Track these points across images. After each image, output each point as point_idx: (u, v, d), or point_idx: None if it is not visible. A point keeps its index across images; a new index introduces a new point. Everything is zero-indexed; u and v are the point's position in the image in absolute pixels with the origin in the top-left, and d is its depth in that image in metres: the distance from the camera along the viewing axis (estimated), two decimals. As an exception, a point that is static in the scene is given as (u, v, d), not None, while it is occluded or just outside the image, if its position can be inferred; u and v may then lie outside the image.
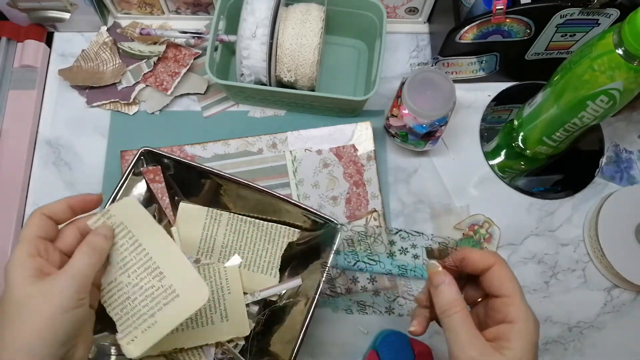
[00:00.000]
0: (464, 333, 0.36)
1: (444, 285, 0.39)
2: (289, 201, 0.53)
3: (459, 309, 0.37)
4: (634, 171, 0.66)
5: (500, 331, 0.37)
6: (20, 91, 0.66)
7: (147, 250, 0.43)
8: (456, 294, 0.38)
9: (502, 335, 0.36)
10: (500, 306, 0.38)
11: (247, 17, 0.58)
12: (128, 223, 0.43)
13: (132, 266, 0.43)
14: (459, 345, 0.36)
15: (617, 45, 0.45)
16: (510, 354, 0.35)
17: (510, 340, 0.36)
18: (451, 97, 0.56)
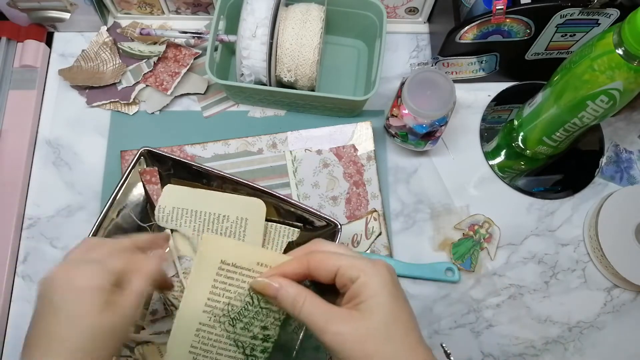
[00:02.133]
0: (319, 315, 0.34)
1: (280, 290, 0.37)
2: (289, 201, 0.53)
3: (304, 297, 0.35)
4: (634, 171, 0.66)
5: (351, 293, 0.35)
6: (20, 91, 0.66)
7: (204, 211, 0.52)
8: (295, 289, 0.36)
9: (353, 295, 0.35)
10: (341, 280, 0.35)
11: (247, 17, 0.58)
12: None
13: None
14: (320, 328, 0.34)
15: (617, 45, 0.45)
16: (365, 306, 0.34)
17: (359, 294, 0.34)
18: (451, 97, 0.56)
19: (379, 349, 0.33)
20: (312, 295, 0.36)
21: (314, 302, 0.35)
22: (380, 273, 0.35)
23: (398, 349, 0.33)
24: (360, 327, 0.33)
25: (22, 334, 0.59)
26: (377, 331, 0.33)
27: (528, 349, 0.59)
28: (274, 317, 0.41)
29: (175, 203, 0.54)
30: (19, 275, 0.61)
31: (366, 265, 0.35)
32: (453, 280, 0.60)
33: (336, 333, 0.33)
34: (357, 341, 0.33)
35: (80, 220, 0.62)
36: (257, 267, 0.40)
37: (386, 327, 0.33)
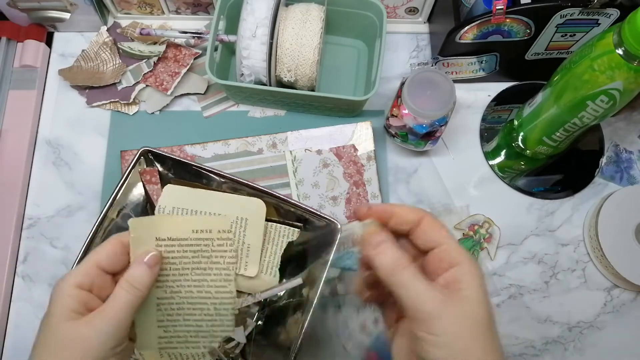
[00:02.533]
0: (419, 286, 0.33)
1: (386, 243, 0.35)
2: (288, 201, 0.53)
3: (407, 264, 0.34)
4: (634, 171, 0.66)
5: (451, 276, 0.34)
6: (20, 91, 0.66)
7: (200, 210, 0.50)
8: (400, 251, 0.35)
9: (454, 278, 0.34)
10: (442, 254, 0.35)
11: (247, 17, 0.58)
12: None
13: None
14: (416, 299, 0.33)
15: (617, 45, 0.45)
16: (468, 292, 0.33)
17: (462, 280, 0.33)
18: (451, 97, 0.56)
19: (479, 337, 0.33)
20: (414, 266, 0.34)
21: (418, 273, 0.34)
22: (479, 269, 0.35)
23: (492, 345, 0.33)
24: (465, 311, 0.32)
25: (22, 334, 0.59)
26: (481, 321, 0.33)
27: (528, 349, 0.59)
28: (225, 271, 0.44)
29: (175, 203, 0.54)
30: (19, 275, 0.61)
31: (468, 255, 0.35)
32: (453, 280, 0.60)
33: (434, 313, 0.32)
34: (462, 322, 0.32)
35: (80, 220, 0.62)
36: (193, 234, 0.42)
37: (488, 320, 0.33)
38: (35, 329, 0.43)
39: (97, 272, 0.38)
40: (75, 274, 0.37)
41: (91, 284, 0.37)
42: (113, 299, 0.37)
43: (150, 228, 0.41)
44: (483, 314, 0.33)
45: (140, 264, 0.39)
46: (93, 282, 0.37)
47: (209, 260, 0.43)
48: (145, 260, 0.39)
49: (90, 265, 0.38)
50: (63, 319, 0.35)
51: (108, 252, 0.39)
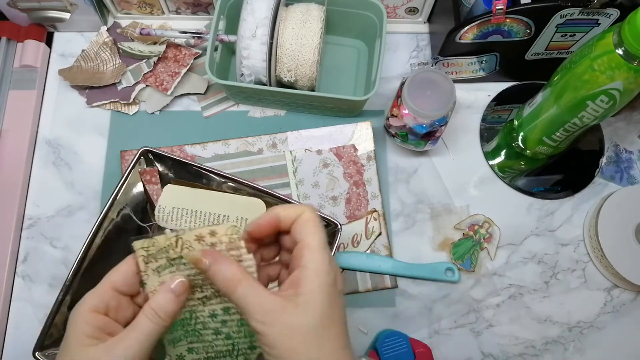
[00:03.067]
0: (253, 301, 0.33)
1: (214, 265, 0.34)
2: (289, 201, 0.53)
3: (240, 279, 0.34)
4: (634, 171, 0.66)
5: (294, 278, 0.34)
6: (20, 91, 0.66)
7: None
8: (230, 267, 0.34)
9: (296, 281, 0.34)
10: (298, 251, 0.35)
11: (247, 17, 0.58)
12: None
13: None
14: (252, 314, 0.33)
15: (617, 45, 0.45)
16: (303, 300, 0.33)
17: (301, 285, 0.33)
18: (451, 97, 0.56)
19: (305, 348, 0.32)
20: (249, 279, 0.34)
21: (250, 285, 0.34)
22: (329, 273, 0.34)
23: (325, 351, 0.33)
24: (292, 321, 0.32)
25: (22, 334, 0.59)
26: (307, 330, 0.32)
27: (528, 349, 0.59)
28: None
29: (175, 203, 0.54)
30: (19, 275, 0.61)
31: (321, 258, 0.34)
32: (453, 280, 0.60)
33: (268, 323, 0.32)
34: (286, 334, 0.32)
35: (80, 220, 0.62)
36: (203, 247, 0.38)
37: (316, 328, 0.33)
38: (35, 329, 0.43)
39: (112, 295, 0.36)
40: (91, 298, 0.36)
41: (107, 306, 0.36)
42: (134, 327, 0.35)
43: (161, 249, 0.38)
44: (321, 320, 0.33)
45: (167, 291, 0.36)
46: (108, 304, 0.36)
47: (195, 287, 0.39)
48: (172, 287, 0.37)
49: (105, 288, 0.36)
50: (79, 345, 0.34)
51: (124, 273, 0.37)
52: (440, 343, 0.59)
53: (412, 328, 0.59)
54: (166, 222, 0.55)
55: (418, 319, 0.60)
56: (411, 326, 0.59)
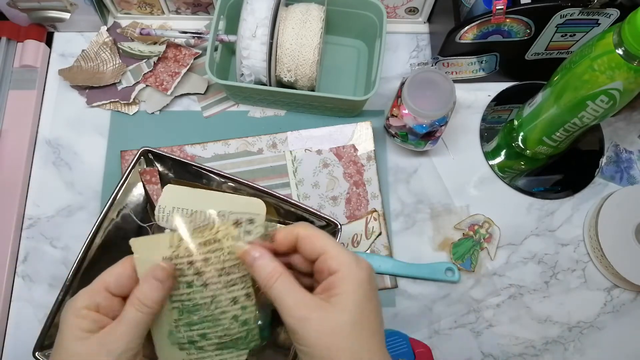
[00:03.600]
0: (290, 296, 0.34)
1: (258, 259, 0.36)
2: (289, 201, 0.53)
3: (279, 274, 0.35)
4: (634, 171, 0.66)
5: (327, 284, 0.35)
6: (20, 91, 0.66)
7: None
8: (272, 262, 0.36)
9: (329, 286, 0.35)
10: (321, 265, 0.36)
11: (247, 17, 0.58)
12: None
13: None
14: (288, 309, 0.34)
15: (617, 45, 0.45)
16: (338, 300, 0.34)
17: (335, 287, 0.34)
18: (451, 97, 0.56)
19: (342, 344, 0.33)
20: (288, 275, 0.35)
21: (291, 281, 0.35)
22: (361, 271, 0.35)
23: (361, 348, 0.33)
24: (330, 319, 0.33)
25: (22, 334, 0.59)
26: (345, 326, 0.33)
27: (528, 349, 0.59)
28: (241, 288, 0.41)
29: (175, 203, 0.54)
30: (19, 275, 0.61)
31: (350, 260, 0.35)
32: (453, 280, 0.60)
33: (303, 318, 0.33)
34: (323, 331, 0.33)
35: (80, 220, 0.62)
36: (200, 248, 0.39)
37: (354, 325, 0.33)
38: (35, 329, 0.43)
39: (104, 295, 0.37)
40: (83, 296, 0.36)
41: (97, 305, 0.36)
42: (123, 317, 0.36)
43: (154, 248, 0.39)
44: (357, 317, 0.33)
45: (149, 279, 0.37)
46: (99, 304, 0.36)
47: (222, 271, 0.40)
48: (154, 275, 0.37)
49: (98, 288, 0.37)
50: (74, 338, 0.35)
51: (117, 275, 0.37)
52: (440, 343, 0.59)
53: (412, 328, 0.59)
54: (166, 222, 0.54)
55: (418, 319, 0.60)
56: (411, 326, 0.59)
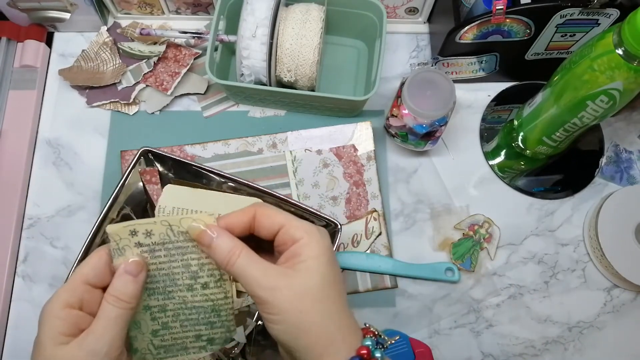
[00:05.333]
0: (256, 268, 0.34)
1: (216, 239, 0.36)
2: (289, 201, 0.53)
3: (239, 251, 0.35)
4: (634, 171, 0.66)
5: (290, 253, 0.35)
6: (20, 91, 0.66)
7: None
8: (232, 240, 0.36)
9: (292, 254, 0.35)
10: (283, 237, 0.36)
11: (247, 17, 0.58)
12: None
13: None
14: (256, 281, 0.34)
15: (617, 45, 0.45)
16: (304, 266, 0.35)
17: (300, 254, 0.35)
18: (451, 97, 0.56)
19: (313, 306, 0.34)
20: (248, 250, 0.36)
21: (251, 256, 0.35)
22: (323, 238, 0.36)
23: (330, 308, 0.35)
24: (299, 284, 0.34)
25: (22, 334, 0.59)
26: (314, 289, 0.34)
27: (528, 349, 0.59)
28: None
29: (175, 203, 0.54)
30: (19, 275, 0.61)
31: (312, 228, 0.36)
32: (453, 280, 0.60)
33: (273, 288, 0.34)
34: (294, 297, 0.34)
35: (80, 220, 0.63)
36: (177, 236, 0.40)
37: (322, 287, 0.34)
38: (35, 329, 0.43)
39: (84, 288, 0.36)
40: (62, 293, 0.35)
41: (80, 301, 0.35)
42: (100, 316, 0.35)
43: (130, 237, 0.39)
44: (324, 280, 0.34)
45: (122, 274, 0.36)
46: (82, 298, 0.35)
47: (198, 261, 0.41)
48: (128, 269, 0.37)
49: (76, 282, 0.36)
50: (52, 343, 0.34)
51: (94, 266, 0.37)
52: (440, 343, 0.59)
53: (412, 328, 0.59)
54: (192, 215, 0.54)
55: (418, 319, 0.60)
56: (411, 326, 0.59)
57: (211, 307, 0.43)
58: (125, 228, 0.39)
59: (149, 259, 0.40)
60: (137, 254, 0.39)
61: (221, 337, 0.44)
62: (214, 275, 0.42)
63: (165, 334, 0.42)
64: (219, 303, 0.43)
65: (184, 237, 0.40)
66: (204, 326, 0.43)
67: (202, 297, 0.42)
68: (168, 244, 0.40)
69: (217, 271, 0.41)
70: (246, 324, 0.54)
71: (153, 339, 0.42)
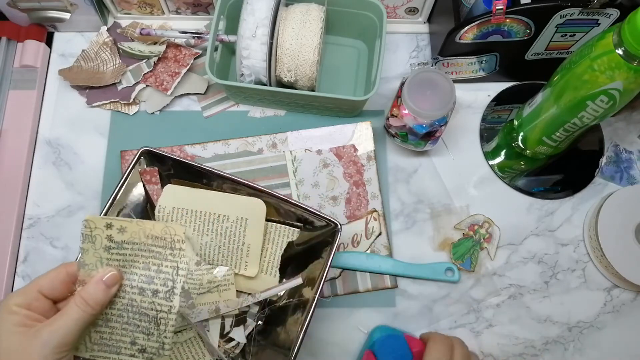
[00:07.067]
0: None
1: None
2: (289, 201, 0.53)
3: None
4: (634, 171, 0.66)
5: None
6: (20, 91, 0.66)
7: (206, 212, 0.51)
8: None
9: None
10: None
11: (247, 17, 0.58)
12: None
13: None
14: None
15: (617, 45, 0.45)
16: None
17: None
18: (451, 97, 0.56)
19: None
20: None
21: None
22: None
23: None
24: None
25: (22, 334, 0.59)
26: None
27: (528, 349, 0.59)
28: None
29: (175, 203, 0.54)
30: (19, 275, 0.61)
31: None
32: (453, 280, 0.60)
33: None
34: None
35: (80, 220, 0.61)
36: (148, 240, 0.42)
37: None
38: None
39: (36, 296, 0.39)
40: (16, 295, 0.38)
41: (29, 305, 0.38)
42: (64, 313, 0.38)
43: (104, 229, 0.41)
44: None
45: (99, 282, 0.39)
46: (31, 305, 0.38)
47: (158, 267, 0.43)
48: (105, 279, 0.40)
49: (31, 288, 0.39)
50: (9, 333, 0.36)
51: (51, 279, 0.40)
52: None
53: (412, 328, 0.59)
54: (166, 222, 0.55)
55: (418, 319, 0.60)
56: (411, 326, 0.59)
57: (154, 316, 0.43)
58: (102, 219, 0.41)
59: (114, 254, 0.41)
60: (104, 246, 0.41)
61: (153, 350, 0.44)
62: (166, 285, 0.43)
63: (105, 332, 0.42)
64: (162, 315, 0.43)
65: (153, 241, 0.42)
66: (142, 334, 0.43)
67: (149, 304, 0.43)
68: (137, 244, 0.42)
69: (171, 282, 0.42)
70: (246, 324, 0.54)
71: (92, 333, 0.42)
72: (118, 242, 0.41)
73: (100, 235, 0.41)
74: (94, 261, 0.42)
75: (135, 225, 0.42)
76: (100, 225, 0.41)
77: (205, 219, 0.54)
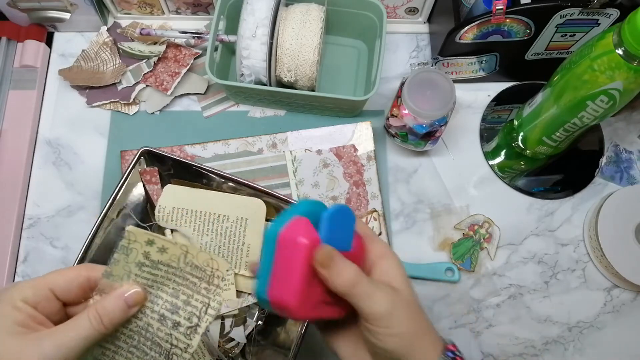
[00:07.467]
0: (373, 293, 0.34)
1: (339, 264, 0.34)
2: (289, 201, 0.53)
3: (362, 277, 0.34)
4: (634, 171, 0.66)
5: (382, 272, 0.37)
6: (20, 91, 0.66)
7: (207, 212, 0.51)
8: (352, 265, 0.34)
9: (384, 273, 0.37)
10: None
11: (247, 17, 0.58)
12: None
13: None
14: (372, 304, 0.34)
15: (617, 45, 0.45)
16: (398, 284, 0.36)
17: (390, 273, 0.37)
18: (451, 97, 0.56)
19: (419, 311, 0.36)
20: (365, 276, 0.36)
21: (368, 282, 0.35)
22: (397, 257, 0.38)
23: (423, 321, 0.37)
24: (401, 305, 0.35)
25: (22, 334, 0.59)
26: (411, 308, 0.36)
27: (528, 349, 0.59)
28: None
29: (175, 203, 0.54)
30: (19, 275, 0.61)
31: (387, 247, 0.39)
32: (453, 280, 0.60)
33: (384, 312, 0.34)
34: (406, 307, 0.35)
35: (80, 220, 0.63)
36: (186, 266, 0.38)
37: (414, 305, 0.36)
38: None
39: (46, 295, 0.34)
40: (25, 289, 0.34)
41: (37, 303, 0.34)
42: (73, 326, 0.33)
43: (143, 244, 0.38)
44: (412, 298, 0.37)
45: (119, 298, 0.35)
46: (38, 303, 0.34)
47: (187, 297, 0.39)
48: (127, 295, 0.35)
49: (42, 284, 0.34)
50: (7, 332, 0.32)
51: (68, 280, 0.35)
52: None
53: (412, 328, 0.59)
54: (166, 222, 0.55)
55: (418, 319, 0.60)
56: (411, 326, 0.59)
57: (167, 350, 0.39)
58: (145, 234, 0.37)
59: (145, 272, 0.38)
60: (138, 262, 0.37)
61: None
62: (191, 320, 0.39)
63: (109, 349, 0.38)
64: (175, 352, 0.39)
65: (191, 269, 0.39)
66: None
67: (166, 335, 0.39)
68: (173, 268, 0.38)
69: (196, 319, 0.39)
70: (246, 324, 0.54)
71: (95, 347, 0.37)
72: (154, 262, 0.38)
73: (137, 249, 0.37)
74: (121, 274, 0.37)
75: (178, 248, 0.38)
76: (141, 239, 0.37)
77: (205, 219, 0.54)
